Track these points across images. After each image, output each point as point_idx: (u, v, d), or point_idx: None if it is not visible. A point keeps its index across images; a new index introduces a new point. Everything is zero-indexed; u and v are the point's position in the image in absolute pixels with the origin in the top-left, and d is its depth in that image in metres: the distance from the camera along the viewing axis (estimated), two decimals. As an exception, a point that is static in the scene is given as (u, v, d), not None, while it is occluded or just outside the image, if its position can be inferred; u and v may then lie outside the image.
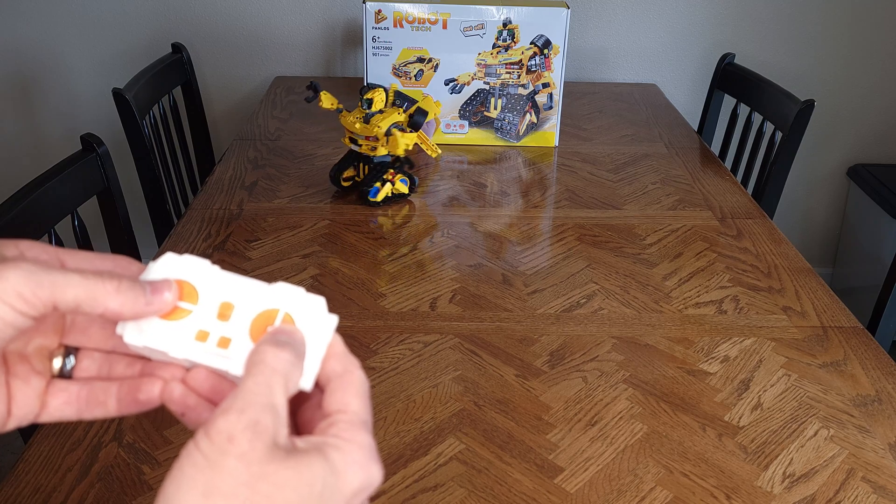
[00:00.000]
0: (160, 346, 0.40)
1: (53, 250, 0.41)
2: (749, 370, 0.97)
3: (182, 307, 0.41)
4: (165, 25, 2.15)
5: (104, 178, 1.31)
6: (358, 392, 0.39)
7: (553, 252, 1.24)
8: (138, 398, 0.41)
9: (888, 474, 0.82)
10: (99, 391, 0.42)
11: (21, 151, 2.30)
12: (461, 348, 1.00)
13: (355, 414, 0.38)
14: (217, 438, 0.33)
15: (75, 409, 0.41)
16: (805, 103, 1.60)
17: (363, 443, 0.37)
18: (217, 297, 0.41)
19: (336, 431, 0.37)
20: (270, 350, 0.37)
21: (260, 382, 0.36)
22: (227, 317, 0.40)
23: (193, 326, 0.40)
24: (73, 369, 0.42)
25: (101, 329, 0.42)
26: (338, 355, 0.40)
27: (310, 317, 0.40)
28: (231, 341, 0.40)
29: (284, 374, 0.37)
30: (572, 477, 0.81)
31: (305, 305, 0.40)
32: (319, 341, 0.40)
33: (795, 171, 2.24)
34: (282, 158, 1.55)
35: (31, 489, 0.77)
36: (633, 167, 1.57)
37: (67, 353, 0.42)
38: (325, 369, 0.40)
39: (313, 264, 1.18)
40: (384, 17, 1.53)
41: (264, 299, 0.41)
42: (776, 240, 1.29)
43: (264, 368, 0.36)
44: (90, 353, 0.43)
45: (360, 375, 0.40)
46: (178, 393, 0.40)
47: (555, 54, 1.57)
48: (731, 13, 2.17)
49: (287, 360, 0.37)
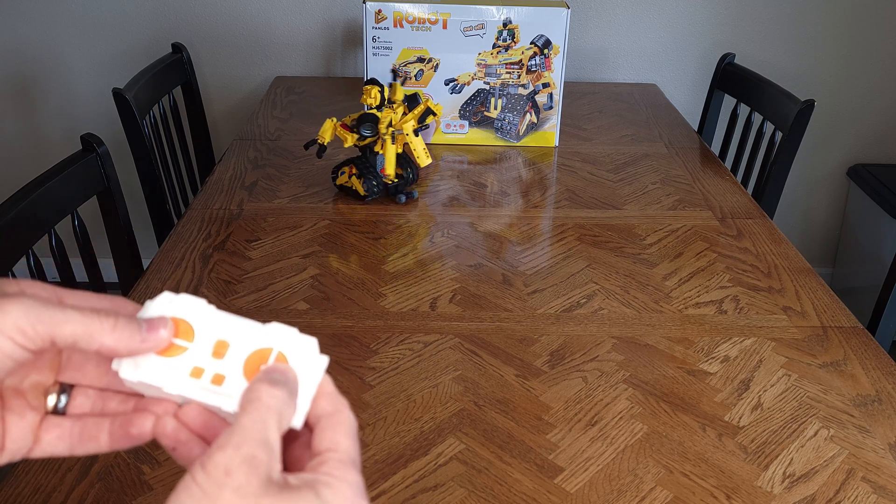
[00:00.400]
0: (155, 381, 0.41)
1: (52, 288, 0.42)
2: (749, 370, 0.97)
3: (178, 344, 0.42)
4: (165, 25, 2.15)
5: (104, 178, 1.31)
6: (347, 431, 0.40)
7: (553, 252, 1.24)
8: (130, 432, 0.42)
9: (888, 474, 0.82)
10: (91, 427, 0.43)
11: (21, 151, 2.30)
12: (461, 348, 1.00)
13: (345, 452, 0.39)
14: (214, 472, 0.34)
15: (68, 444, 0.42)
16: (805, 103, 1.60)
17: (353, 481, 0.38)
18: (212, 335, 0.42)
19: (327, 469, 0.38)
20: (265, 388, 0.38)
21: (255, 419, 0.37)
22: (221, 355, 0.42)
23: (188, 363, 0.41)
24: (66, 406, 0.43)
25: (97, 367, 0.43)
26: (328, 395, 0.41)
27: (302, 357, 0.41)
28: (225, 378, 0.41)
29: (278, 412, 0.38)
30: (572, 477, 0.81)
31: (298, 345, 0.42)
32: (310, 381, 0.41)
33: (795, 171, 2.24)
34: (282, 158, 1.55)
35: (31, 489, 0.77)
36: (634, 167, 1.57)
37: (62, 389, 0.43)
38: (315, 409, 0.41)
39: (313, 264, 1.18)
40: (384, 17, 1.53)
41: (258, 338, 0.42)
42: (776, 240, 1.29)
43: (260, 406, 0.38)
44: (85, 390, 0.44)
45: (349, 415, 0.41)
46: (171, 427, 0.41)
47: (555, 54, 1.57)
48: (731, 13, 2.17)
49: (281, 397, 0.38)
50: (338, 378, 0.94)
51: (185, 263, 1.17)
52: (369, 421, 0.87)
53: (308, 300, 1.09)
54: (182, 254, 1.19)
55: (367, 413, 0.88)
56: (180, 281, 1.12)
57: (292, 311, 1.06)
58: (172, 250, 1.20)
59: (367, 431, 0.86)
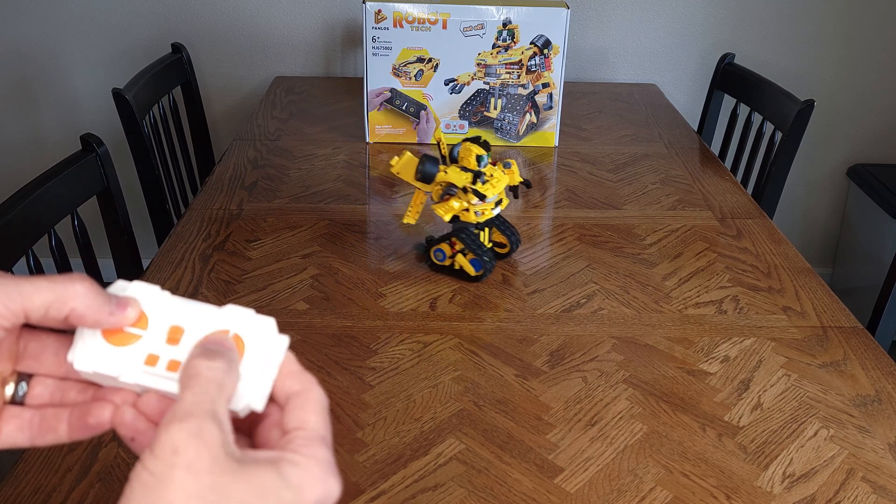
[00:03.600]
0: (110, 371, 0.40)
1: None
2: (749, 370, 0.97)
3: (131, 332, 0.41)
4: (165, 25, 2.15)
5: (104, 178, 1.31)
6: (315, 408, 0.39)
7: (553, 252, 1.24)
8: (88, 422, 0.41)
9: (888, 474, 0.82)
10: (51, 417, 0.42)
11: (21, 151, 2.30)
12: (461, 348, 1.00)
13: (313, 430, 0.38)
14: (161, 452, 0.33)
15: (28, 435, 0.42)
16: (805, 103, 1.60)
17: (321, 457, 0.37)
18: (166, 321, 0.41)
19: (294, 447, 0.37)
20: (203, 362, 0.38)
21: (197, 393, 0.36)
22: (176, 340, 0.41)
23: (143, 351, 0.41)
24: (25, 396, 0.42)
25: (54, 355, 0.43)
26: (293, 374, 0.41)
27: (260, 337, 0.41)
28: (181, 364, 0.40)
29: (219, 383, 0.37)
30: (572, 477, 0.81)
31: (255, 326, 0.41)
32: (271, 361, 0.40)
33: (795, 171, 2.24)
34: (282, 158, 1.55)
35: (31, 489, 0.77)
36: (633, 167, 1.57)
37: (20, 379, 0.42)
38: (282, 388, 0.40)
39: (313, 264, 1.18)
40: (384, 17, 1.53)
41: (214, 322, 0.41)
42: (776, 240, 1.29)
43: (200, 380, 0.37)
44: (43, 379, 0.43)
45: (318, 392, 0.40)
46: (129, 417, 0.40)
47: (555, 54, 1.57)
48: (731, 13, 2.17)
49: (220, 368, 0.37)
50: (337, 378, 0.94)
51: (185, 263, 1.17)
52: (369, 421, 0.87)
53: (308, 300, 1.09)
54: (182, 254, 1.19)
55: (367, 413, 0.88)
56: (180, 281, 1.12)
57: (292, 311, 1.06)
58: (172, 250, 1.20)
59: (366, 431, 0.86)
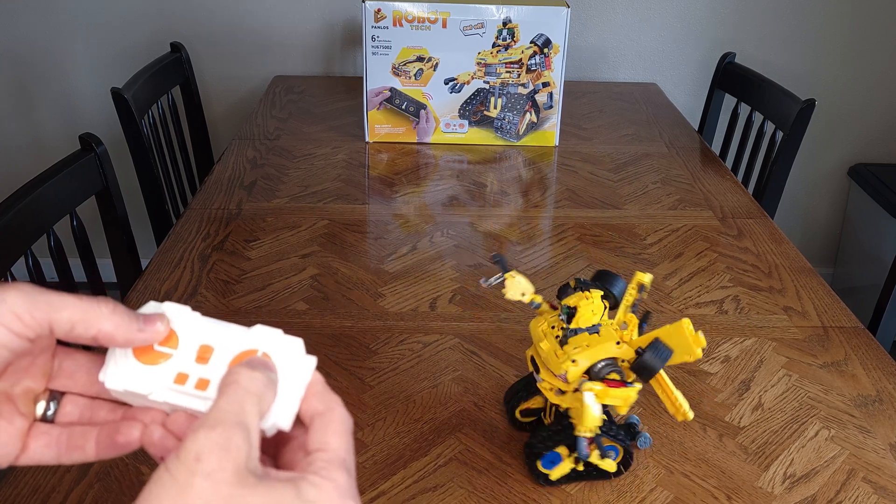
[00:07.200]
0: (140, 389, 0.40)
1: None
2: (750, 370, 0.97)
3: (162, 351, 0.41)
4: (164, 25, 2.15)
5: (103, 177, 1.31)
6: (337, 430, 0.39)
7: (553, 252, 1.23)
8: (117, 441, 0.41)
9: (889, 475, 0.82)
10: (78, 435, 0.42)
11: (21, 151, 2.29)
12: (461, 348, 0.99)
13: (334, 452, 0.38)
14: (185, 457, 0.33)
15: (55, 452, 0.42)
16: (806, 103, 1.60)
17: (339, 481, 0.37)
18: (196, 340, 0.42)
19: (314, 469, 0.37)
20: (244, 371, 0.37)
21: (232, 401, 0.36)
22: (206, 359, 0.41)
23: (173, 370, 0.41)
24: (55, 414, 0.43)
25: (87, 374, 0.43)
26: (319, 394, 0.40)
27: (288, 357, 0.41)
28: (210, 383, 0.40)
29: (258, 394, 0.37)
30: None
31: (283, 346, 0.41)
32: (298, 381, 0.40)
33: (796, 171, 2.24)
34: (281, 158, 1.55)
35: (30, 489, 0.77)
36: (634, 167, 1.56)
37: (52, 397, 0.43)
38: (307, 408, 0.40)
39: (313, 264, 1.17)
40: (383, 16, 1.53)
41: (243, 341, 0.41)
42: (777, 239, 1.29)
43: (238, 388, 0.36)
44: (74, 398, 0.43)
45: (342, 413, 0.40)
46: (158, 436, 0.41)
47: (555, 53, 1.56)
48: (732, 12, 2.16)
49: (261, 380, 0.37)
50: (337, 378, 0.93)
51: (184, 263, 1.17)
52: (369, 421, 0.87)
53: (307, 300, 1.08)
54: (181, 254, 1.19)
55: (366, 413, 0.88)
56: (179, 281, 1.12)
57: (291, 311, 1.06)
58: (171, 250, 1.20)
59: (366, 432, 0.86)
